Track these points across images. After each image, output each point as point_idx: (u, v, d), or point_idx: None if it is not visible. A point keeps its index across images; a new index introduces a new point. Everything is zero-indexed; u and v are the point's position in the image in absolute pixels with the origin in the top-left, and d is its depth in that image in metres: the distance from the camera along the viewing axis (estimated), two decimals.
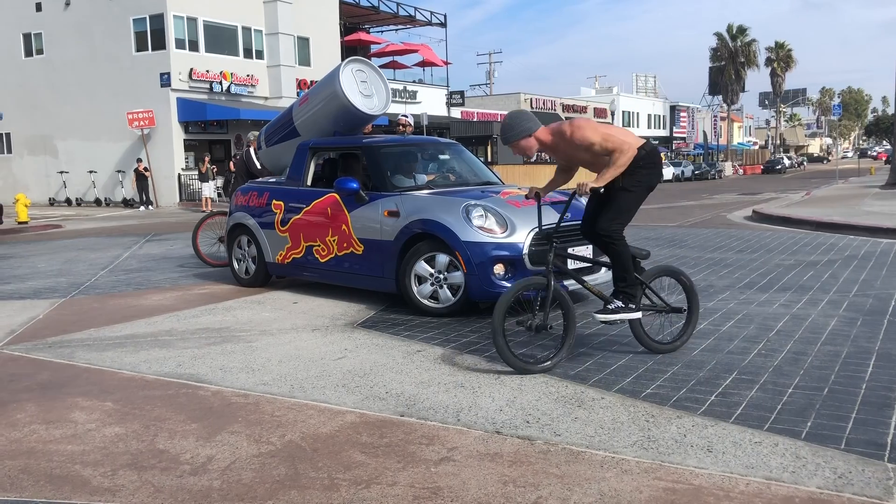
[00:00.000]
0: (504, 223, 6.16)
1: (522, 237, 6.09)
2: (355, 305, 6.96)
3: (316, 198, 7.36)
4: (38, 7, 29.71)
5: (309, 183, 7.68)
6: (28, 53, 30.47)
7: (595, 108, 59.57)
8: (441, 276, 6.29)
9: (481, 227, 6.12)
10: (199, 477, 3.25)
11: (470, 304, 6.25)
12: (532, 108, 51.66)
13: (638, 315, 4.87)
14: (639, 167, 4.77)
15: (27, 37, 30.34)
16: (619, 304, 4.84)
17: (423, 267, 6.36)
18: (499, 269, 6.06)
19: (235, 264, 8.34)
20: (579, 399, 4.14)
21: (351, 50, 37.18)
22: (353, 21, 38.36)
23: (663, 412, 3.89)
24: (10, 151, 31.35)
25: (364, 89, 7.86)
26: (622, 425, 3.73)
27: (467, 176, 7.68)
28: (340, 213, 7.06)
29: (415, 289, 6.42)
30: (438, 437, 3.64)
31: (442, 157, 7.91)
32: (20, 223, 18.81)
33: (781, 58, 74.83)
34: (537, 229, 6.16)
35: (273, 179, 8.33)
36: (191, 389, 4.52)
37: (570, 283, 6.39)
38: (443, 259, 6.26)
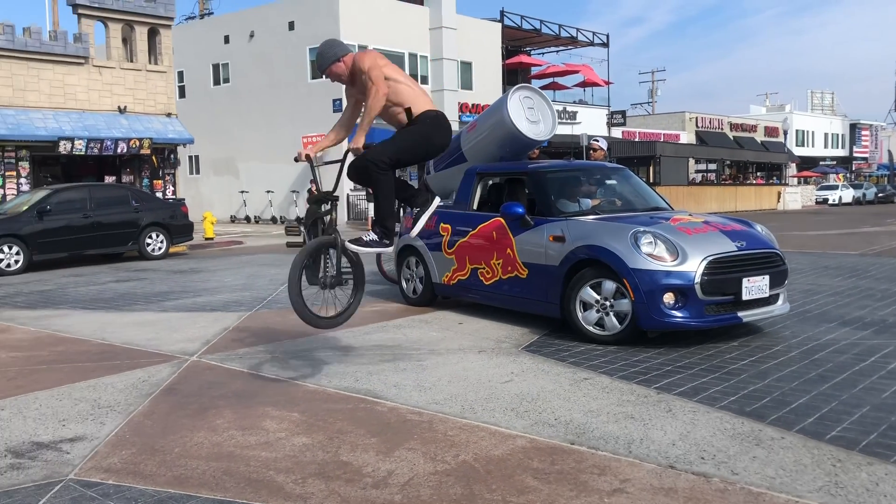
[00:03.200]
0: (675, 251, 6.04)
1: (694, 266, 5.94)
2: (519, 329, 7.05)
3: (482, 222, 7.54)
4: (227, 39, 32.33)
5: (475, 207, 7.89)
6: (216, 82, 33.20)
7: (766, 127, 56.75)
8: (607, 303, 6.25)
9: (650, 254, 6.04)
10: (381, 490, 3.44)
11: (637, 333, 6.17)
12: (698, 127, 50.02)
13: (389, 250, 5.08)
14: (415, 123, 4.92)
15: (216, 67, 33.07)
16: (374, 237, 4.97)
17: (588, 293, 6.35)
18: (669, 298, 5.95)
19: (404, 284, 8.69)
20: (757, 437, 3.99)
21: (512, 72, 37.64)
22: (515, 44, 38.82)
23: (851, 457, 3.68)
24: (198, 172, 34.18)
25: (531, 115, 7.98)
26: (805, 468, 3.56)
27: (635, 201, 7.60)
28: (506, 237, 7.19)
29: (580, 315, 6.41)
30: (610, 468, 3.64)
31: (609, 182, 7.87)
32: (207, 239, 20.45)
33: None
34: (711, 257, 6.01)
35: (441, 203, 8.62)
36: (368, 404, 4.77)
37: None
38: (609, 286, 6.22)
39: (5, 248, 13.56)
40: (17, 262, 13.64)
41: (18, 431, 4.43)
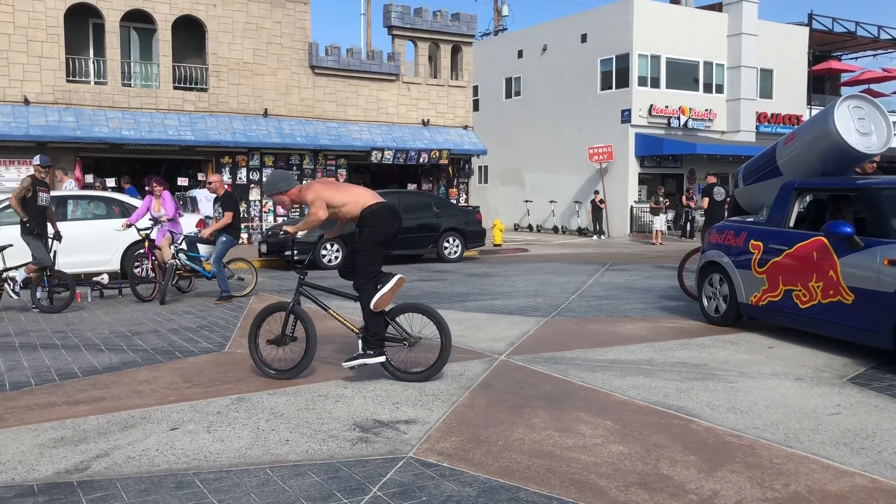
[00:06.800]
0: None
1: None
2: (839, 358, 6.49)
3: (800, 240, 7.04)
4: (520, 54, 33.52)
5: (791, 224, 7.39)
6: (508, 95, 34.54)
7: None
8: None
9: None
10: None
11: None
12: None
13: (381, 359, 5.62)
14: (363, 226, 5.66)
15: (508, 81, 34.42)
16: (360, 350, 5.64)
17: None
18: None
19: (705, 301, 8.39)
20: None
21: (818, 80, 34.68)
22: (824, 49, 35.66)
23: None
24: (486, 181, 35.81)
25: (861, 127, 7.32)
26: None
27: None
28: (828, 258, 6.65)
29: None
30: None
31: None
32: (495, 245, 21.38)
33: None
34: None
35: (750, 219, 8.20)
36: (682, 421, 4.68)
37: None
38: None
39: (328, 246, 15.30)
40: (336, 257, 15.32)
41: (361, 409, 4.99)
